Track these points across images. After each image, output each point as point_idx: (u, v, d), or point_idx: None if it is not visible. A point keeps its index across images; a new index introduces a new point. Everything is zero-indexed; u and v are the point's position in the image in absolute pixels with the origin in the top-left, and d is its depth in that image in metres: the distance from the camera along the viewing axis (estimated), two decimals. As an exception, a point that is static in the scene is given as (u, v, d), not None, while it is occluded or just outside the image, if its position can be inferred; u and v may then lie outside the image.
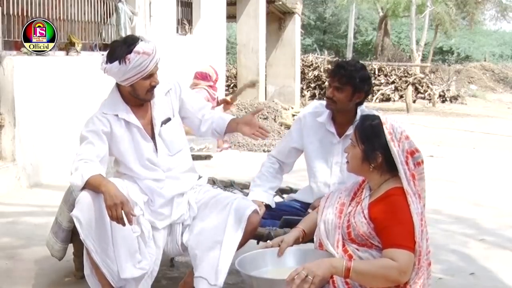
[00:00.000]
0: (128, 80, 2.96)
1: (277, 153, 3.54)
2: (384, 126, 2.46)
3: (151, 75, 2.98)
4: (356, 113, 3.28)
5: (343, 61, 3.33)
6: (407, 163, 2.43)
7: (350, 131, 3.25)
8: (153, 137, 3.09)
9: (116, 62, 2.91)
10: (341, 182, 3.25)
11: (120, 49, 2.93)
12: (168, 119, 3.14)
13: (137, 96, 3.02)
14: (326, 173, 3.35)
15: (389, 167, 2.47)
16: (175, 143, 3.14)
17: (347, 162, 2.59)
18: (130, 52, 2.90)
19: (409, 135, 2.49)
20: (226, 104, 8.09)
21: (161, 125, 3.10)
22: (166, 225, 3.10)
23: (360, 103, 3.29)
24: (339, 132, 3.32)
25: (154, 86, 3.02)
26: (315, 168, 3.38)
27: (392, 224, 2.36)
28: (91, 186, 2.79)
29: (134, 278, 2.89)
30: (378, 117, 2.54)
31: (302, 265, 2.30)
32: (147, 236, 2.99)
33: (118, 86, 3.07)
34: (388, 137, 2.44)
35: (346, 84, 3.19)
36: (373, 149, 2.47)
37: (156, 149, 3.07)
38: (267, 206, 3.37)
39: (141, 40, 2.96)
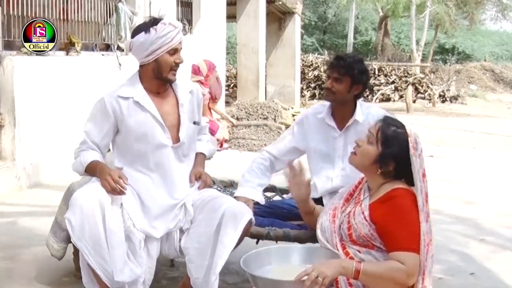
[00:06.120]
0: (153, 53, 2.92)
1: (274, 149, 3.54)
2: (409, 139, 2.43)
3: (175, 52, 2.96)
4: (355, 106, 3.33)
5: (342, 53, 3.42)
6: (423, 181, 2.40)
7: (350, 123, 3.31)
8: (173, 129, 3.03)
9: (142, 33, 2.91)
10: (343, 175, 3.33)
11: (145, 24, 2.96)
12: (198, 123, 3.15)
13: (160, 74, 2.96)
14: (329, 167, 3.39)
15: (395, 176, 2.47)
16: (192, 142, 3.14)
17: (354, 153, 2.54)
18: (156, 24, 2.92)
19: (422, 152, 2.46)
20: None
21: (193, 123, 3.10)
22: (163, 234, 3.03)
23: (358, 96, 3.33)
24: (339, 126, 3.36)
25: (178, 64, 2.98)
26: (318, 164, 3.42)
27: (398, 227, 2.35)
28: (90, 171, 2.95)
29: (127, 283, 2.86)
30: (404, 126, 2.50)
31: (312, 266, 2.27)
32: (138, 246, 2.93)
33: (139, 71, 3.03)
34: (411, 151, 2.41)
35: (345, 75, 3.24)
36: (389, 155, 2.45)
37: (172, 139, 3.01)
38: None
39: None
